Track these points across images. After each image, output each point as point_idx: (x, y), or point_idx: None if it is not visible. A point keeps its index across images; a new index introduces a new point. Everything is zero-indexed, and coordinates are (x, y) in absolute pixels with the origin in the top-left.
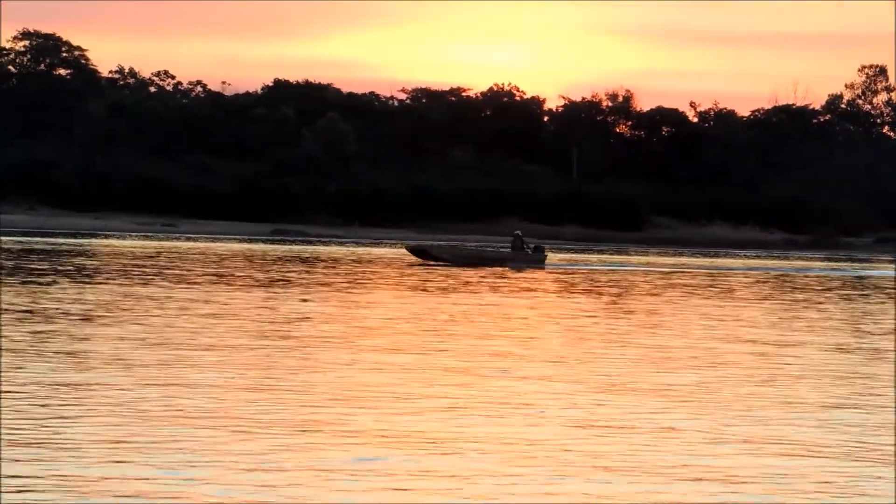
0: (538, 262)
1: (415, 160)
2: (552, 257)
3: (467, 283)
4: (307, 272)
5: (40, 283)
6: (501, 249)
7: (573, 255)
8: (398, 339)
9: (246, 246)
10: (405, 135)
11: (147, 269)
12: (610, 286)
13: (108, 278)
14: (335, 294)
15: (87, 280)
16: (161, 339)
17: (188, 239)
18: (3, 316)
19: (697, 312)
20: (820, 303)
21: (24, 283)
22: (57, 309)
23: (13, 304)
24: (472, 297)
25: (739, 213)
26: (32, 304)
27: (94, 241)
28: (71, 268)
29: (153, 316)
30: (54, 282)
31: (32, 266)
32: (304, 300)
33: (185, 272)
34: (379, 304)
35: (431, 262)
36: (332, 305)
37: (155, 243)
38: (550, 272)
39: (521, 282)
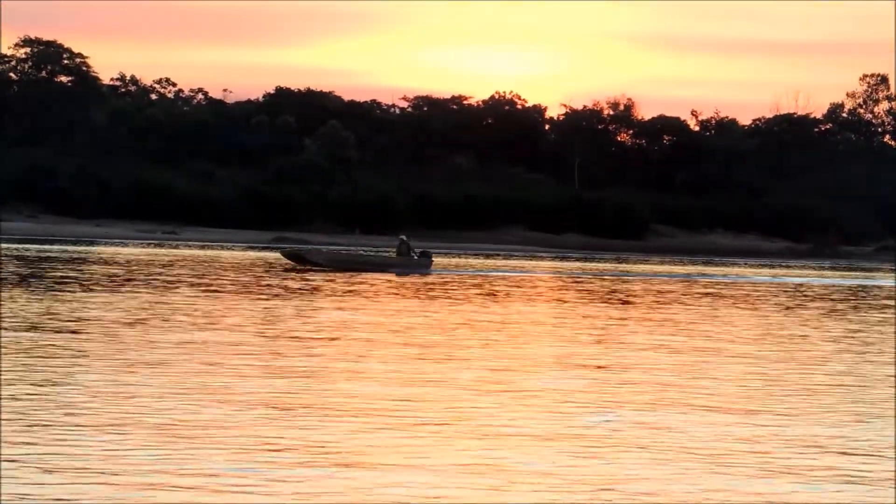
0: (424, 267)
1: (416, 168)
2: (439, 262)
3: (494, 291)
4: (329, 280)
5: (68, 293)
6: (386, 254)
7: (464, 261)
8: (459, 350)
9: (256, 254)
10: (406, 142)
11: (169, 278)
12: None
13: (135, 287)
14: (365, 302)
15: (115, 289)
16: (212, 350)
17: (200, 247)
18: (43, 326)
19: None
20: (845, 312)
21: (50, 291)
22: (98, 319)
23: (54, 313)
24: (506, 307)
25: (740, 221)
26: (69, 314)
27: (104, 248)
28: (97, 277)
29: (195, 325)
30: (87, 290)
31: (56, 275)
32: (340, 308)
33: (208, 280)
34: (414, 312)
35: (308, 268)
36: (367, 314)
37: (165, 251)
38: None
39: (551, 291)
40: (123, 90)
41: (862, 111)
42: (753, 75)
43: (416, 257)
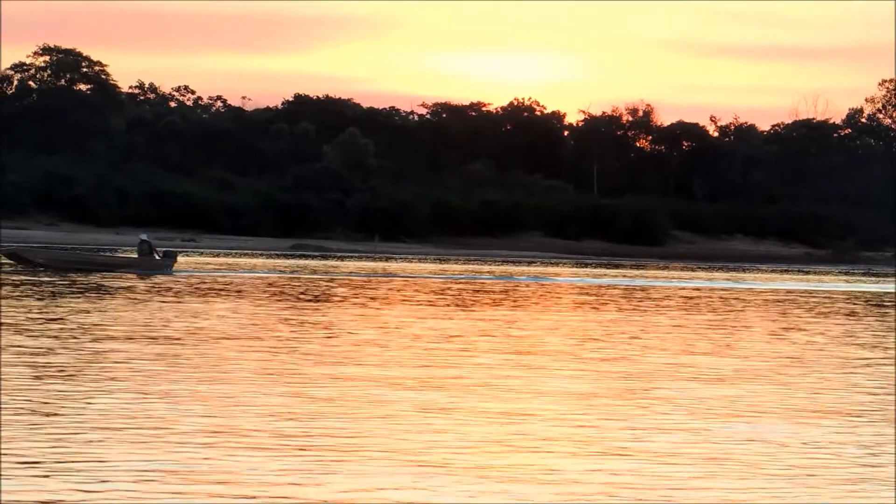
0: (164, 267)
1: (434, 174)
2: (187, 261)
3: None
4: (396, 288)
5: (140, 301)
6: (123, 255)
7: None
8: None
9: (294, 262)
10: (425, 149)
11: (223, 288)
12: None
13: (196, 297)
14: (455, 311)
15: (190, 299)
16: (322, 358)
17: (227, 254)
18: (136, 333)
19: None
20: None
21: (130, 300)
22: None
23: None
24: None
25: (759, 227)
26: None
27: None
28: (154, 286)
29: (295, 335)
30: (154, 300)
31: (112, 284)
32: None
33: (266, 289)
34: (514, 320)
35: (33, 268)
36: (466, 322)
37: (198, 258)
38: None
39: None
40: (142, 98)
41: (881, 116)
42: (773, 81)
43: (158, 258)
